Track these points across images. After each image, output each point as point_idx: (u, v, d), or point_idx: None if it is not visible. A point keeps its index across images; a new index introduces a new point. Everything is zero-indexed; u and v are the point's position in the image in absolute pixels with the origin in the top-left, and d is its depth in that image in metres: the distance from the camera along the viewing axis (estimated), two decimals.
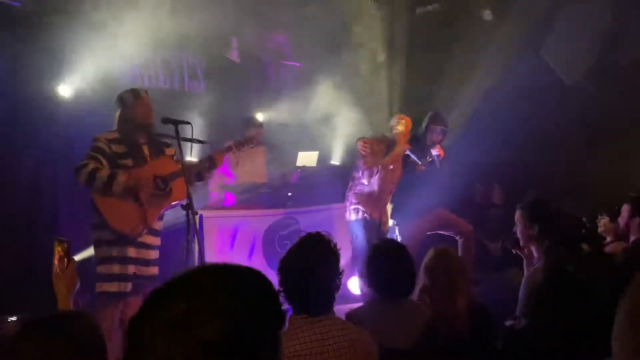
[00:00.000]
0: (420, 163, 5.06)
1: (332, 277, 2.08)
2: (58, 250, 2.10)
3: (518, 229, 3.27)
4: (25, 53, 4.70)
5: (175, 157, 3.73)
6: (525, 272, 3.34)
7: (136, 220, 3.48)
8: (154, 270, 3.63)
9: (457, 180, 5.58)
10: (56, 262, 2.09)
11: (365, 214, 4.80)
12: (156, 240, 3.68)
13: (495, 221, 6.47)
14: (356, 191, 4.88)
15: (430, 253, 2.61)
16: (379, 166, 4.77)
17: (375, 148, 4.82)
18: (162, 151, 3.73)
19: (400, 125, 4.93)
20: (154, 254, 3.65)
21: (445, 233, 5.24)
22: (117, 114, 3.65)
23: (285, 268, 2.09)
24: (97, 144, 3.50)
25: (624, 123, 6.08)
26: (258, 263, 5.15)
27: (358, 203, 4.84)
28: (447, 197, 5.31)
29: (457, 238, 5.18)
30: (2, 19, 4.72)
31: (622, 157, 5.87)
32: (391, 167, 4.87)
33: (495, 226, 6.33)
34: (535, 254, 3.23)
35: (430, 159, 5.12)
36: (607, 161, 5.90)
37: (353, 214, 4.86)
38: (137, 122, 3.60)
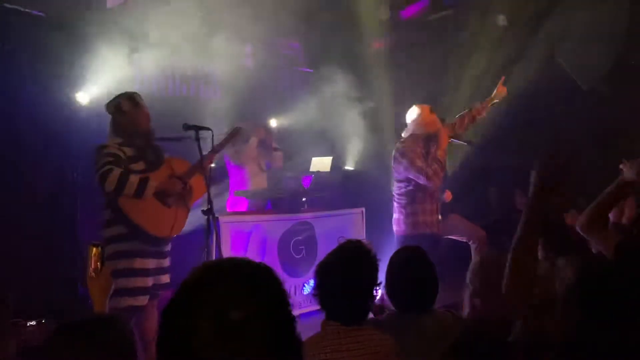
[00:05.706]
0: (470, 143, 4.85)
1: (369, 287, 2.02)
2: (93, 254, 2.09)
3: None
4: (45, 60, 4.78)
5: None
6: None
7: (170, 222, 3.48)
8: (167, 278, 3.58)
9: (474, 186, 5.54)
10: (91, 265, 2.08)
11: (426, 229, 4.35)
12: (169, 246, 3.64)
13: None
14: (406, 200, 4.41)
15: (480, 257, 2.45)
16: (436, 163, 4.32)
17: (419, 151, 4.40)
18: (162, 155, 3.62)
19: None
20: (167, 262, 3.60)
21: (458, 238, 5.10)
22: (113, 121, 3.50)
23: (323, 272, 2.02)
24: (108, 150, 3.35)
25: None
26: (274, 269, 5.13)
27: (411, 214, 4.39)
28: (462, 203, 5.26)
29: (470, 243, 5.04)
30: (24, 27, 4.82)
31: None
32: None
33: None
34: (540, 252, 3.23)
35: (470, 140, 4.86)
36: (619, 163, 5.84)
37: (404, 225, 4.41)
38: (139, 130, 3.49)
